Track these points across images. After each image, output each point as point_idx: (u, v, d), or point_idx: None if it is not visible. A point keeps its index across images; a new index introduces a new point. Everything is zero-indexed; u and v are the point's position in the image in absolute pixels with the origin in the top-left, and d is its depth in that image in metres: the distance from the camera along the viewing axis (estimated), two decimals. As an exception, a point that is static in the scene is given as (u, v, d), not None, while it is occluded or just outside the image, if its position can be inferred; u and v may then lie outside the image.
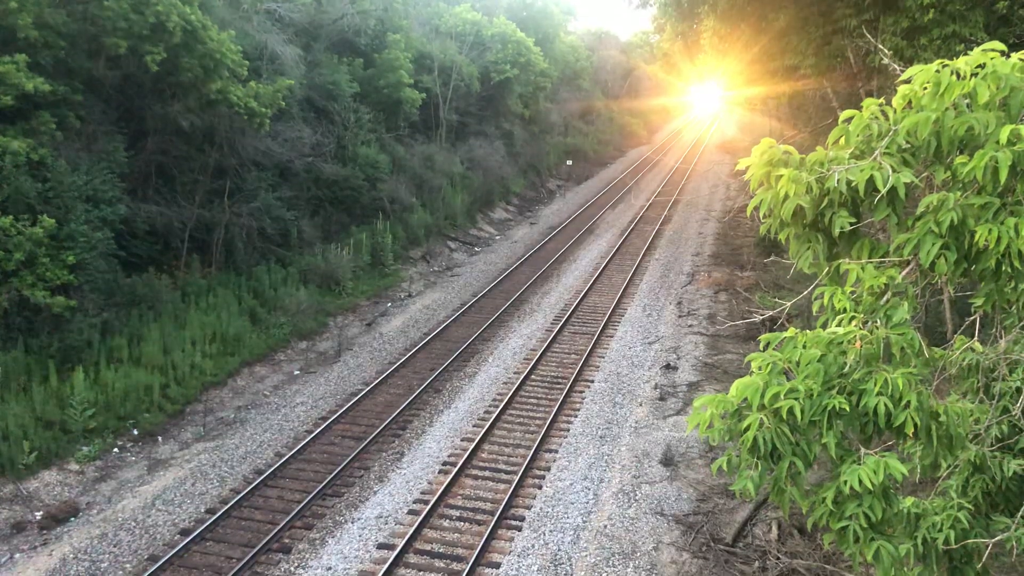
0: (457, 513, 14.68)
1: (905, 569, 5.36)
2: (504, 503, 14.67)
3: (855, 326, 4.78)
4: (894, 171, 4.58)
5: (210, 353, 21.00)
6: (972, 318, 6.20)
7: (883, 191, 4.57)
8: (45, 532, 14.04)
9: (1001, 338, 6.53)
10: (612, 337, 24.53)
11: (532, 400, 19.67)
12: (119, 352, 19.23)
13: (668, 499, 15.24)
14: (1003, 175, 4.29)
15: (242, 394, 20.32)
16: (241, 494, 15.03)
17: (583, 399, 19.83)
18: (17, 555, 13.37)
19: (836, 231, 4.86)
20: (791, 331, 4.92)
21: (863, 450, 4.69)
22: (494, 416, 18.35)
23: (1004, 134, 4.29)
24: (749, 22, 21.80)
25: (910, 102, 4.79)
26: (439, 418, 18.79)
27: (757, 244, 33.25)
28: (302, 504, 14.70)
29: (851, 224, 4.84)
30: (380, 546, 13.59)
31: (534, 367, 21.60)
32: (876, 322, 4.79)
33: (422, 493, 15.37)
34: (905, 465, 4.64)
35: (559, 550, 13.51)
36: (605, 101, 78.07)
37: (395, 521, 14.39)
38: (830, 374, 4.68)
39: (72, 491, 15.52)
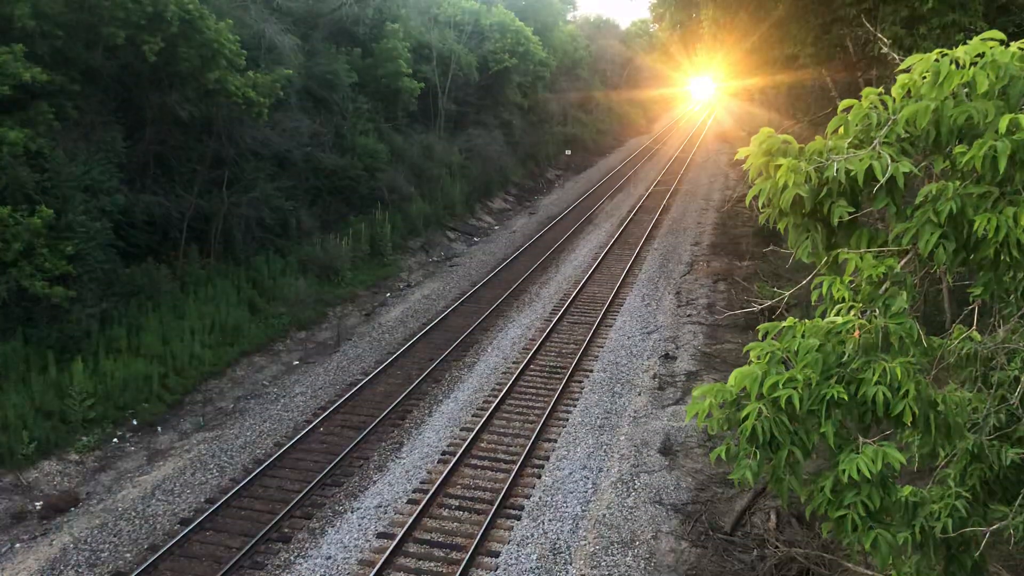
0: (456, 502, 14.72)
1: (903, 557, 5.38)
2: (503, 492, 14.71)
3: (854, 315, 4.78)
4: (893, 160, 4.58)
5: (209, 343, 21.01)
6: (971, 307, 6.21)
7: (882, 180, 4.57)
8: (45, 522, 14.08)
9: (999, 327, 6.55)
10: (611, 327, 24.54)
11: (531, 390, 19.70)
12: (118, 342, 19.23)
13: (667, 488, 15.28)
14: (1002, 164, 4.29)
15: (241, 384, 20.34)
16: (241, 484, 15.07)
17: (582, 389, 19.86)
18: (18, 545, 13.41)
19: (835, 221, 4.86)
20: (790, 321, 4.92)
21: (861, 439, 4.71)
22: (493, 406, 18.38)
23: (1003, 123, 4.28)
24: (748, 10, 21.71)
25: (909, 91, 4.78)
26: (438, 408, 18.81)
27: (756, 234, 33.20)
28: (302, 494, 14.73)
29: (850, 214, 4.84)
30: (380, 535, 13.64)
31: (533, 357, 21.62)
32: (875, 311, 4.79)
33: (421, 483, 15.41)
34: (903, 454, 4.65)
35: (558, 539, 13.56)
36: (604, 91, 77.83)
37: (395, 510, 14.43)
38: (829, 363, 4.69)
39: (72, 481, 15.55)
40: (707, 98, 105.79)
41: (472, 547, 13.06)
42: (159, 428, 17.84)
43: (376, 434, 17.46)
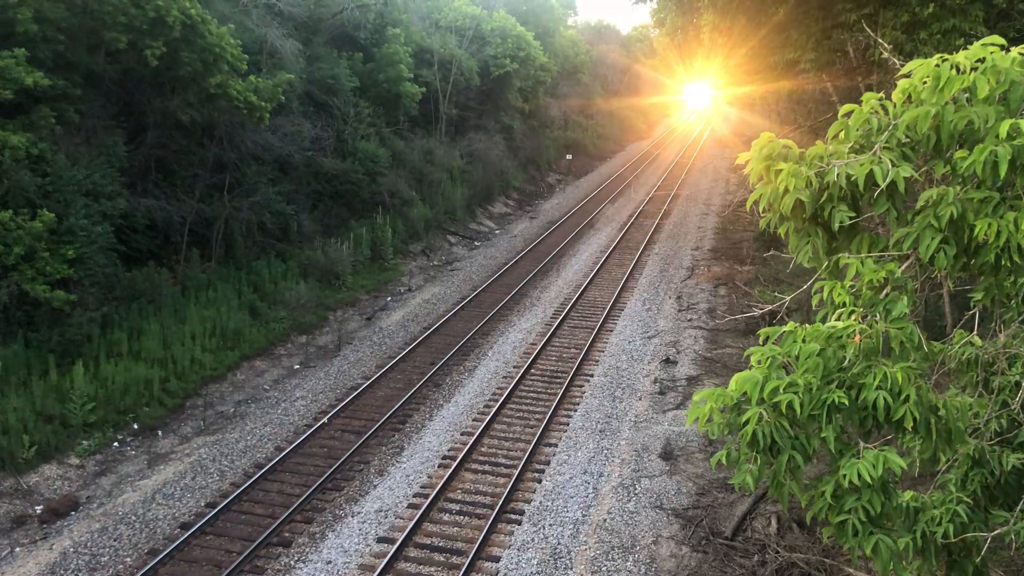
0: (457, 507, 14.70)
1: (904, 563, 5.38)
2: (504, 497, 14.69)
3: (854, 320, 4.78)
4: (894, 165, 4.59)
5: (210, 347, 21.01)
6: (971, 312, 6.21)
7: (883, 185, 4.58)
8: (45, 526, 14.07)
9: (1000, 332, 6.54)
10: (612, 331, 24.53)
11: (532, 394, 19.68)
12: (119, 346, 19.23)
13: (667, 493, 15.26)
14: (1003, 169, 4.30)
15: (242, 388, 20.34)
16: (241, 488, 15.06)
17: (582, 393, 19.85)
18: (17, 549, 13.40)
19: (835, 225, 4.87)
20: (790, 325, 4.92)
21: (862, 444, 4.70)
22: (494, 410, 18.36)
23: (1004, 128, 4.29)
24: (748, 15, 21.75)
25: (910, 96, 4.80)
26: (439, 412, 18.81)
27: (756, 238, 33.23)
28: (302, 498, 14.72)
29: (850, 218, 4.85)
30: (380, 540, 13.62)
31: (534, 361, 21.61)
32: (875, 316, 4.79)
33: (422, 487, 15.39)
34: (904, 459, 4.65)
35: (559, 544, 13.54)
36: (605, 96, 77.93)
37: (395, 515, 14.42)
38: (829, 368, 4.69)
39: (72, 485, 15.54)
40: (706, 105, 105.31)
41: (473, 552, 13.04)
42: (160, 432, 17.84)
43: (377, 438, 17.45)
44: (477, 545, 13.21)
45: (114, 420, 17.55)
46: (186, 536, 13.51)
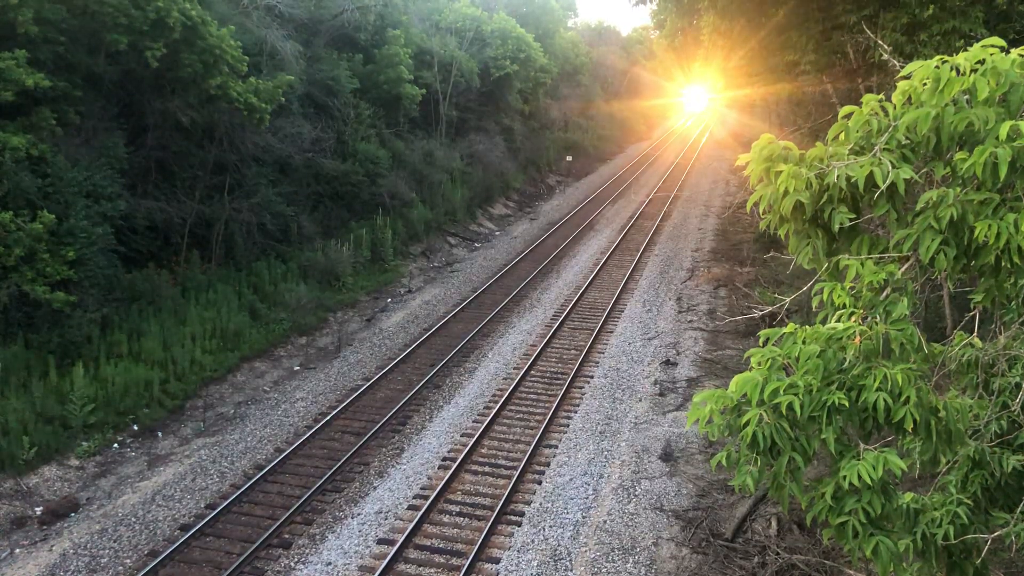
0: (457, 508, 14.69)
1: (904, 564, 5.37)
2: (504, 499, 14.68)
3: (854, 322, 4.78)
4: (894, 167, 4.59)
5: (210, 348, 21.01)
6: (971, 314, 6.21)
7: (883, 187, 4.58)
8: (45, 527, 14.06)
9: (1000, 334, 6.55)
10: (612, 333, 24.53)
11: (532, 396, 19.68)
12: (119, 347, 19.23)
13: (668, 494, 15.26)
14: (1003, 171, 4.30)
15: (242, 389, 20.33)
16: (241, 489, 15.05)
17: (583, 395, 19.85)
18: (17, 550, 13.39)
19: (836, 227, 4.86)
20: (790, 327, 4.92)
21: (862, 446, 4.70)
22: (494, 412, 18.36)
23: (1004, 130, 4.29)
24: (747, 17, 21.76)
25: (910, 98, 4.79)
26: (439, 414, 18.80)
27: (757, 240, 33.23)
28: (302, 499, 14.71)
29: (851, 220, 4.84)
30: (380, 541, 13.62)
31: (534, 363, 21.61)
32: (875, 318, 4.79)
33: (422, 488, 15.39)
34: (904, 461, 4.65)
35: (559, 545, 13.54)
36: (605, 98, 77.99)
37: (395, 516, 14.41)
38: (829, 370, 4.69)
39: (72, 486, 15.54)
40: (705, 108, 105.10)
41: (473, 553, 13.04)
42: (160, 433, 17.84)
43: (377, 440, 17.45)
44: (477, 546, 13.21)
45: (114, 421, 17.55)
46: (186, 537, 13.50)
